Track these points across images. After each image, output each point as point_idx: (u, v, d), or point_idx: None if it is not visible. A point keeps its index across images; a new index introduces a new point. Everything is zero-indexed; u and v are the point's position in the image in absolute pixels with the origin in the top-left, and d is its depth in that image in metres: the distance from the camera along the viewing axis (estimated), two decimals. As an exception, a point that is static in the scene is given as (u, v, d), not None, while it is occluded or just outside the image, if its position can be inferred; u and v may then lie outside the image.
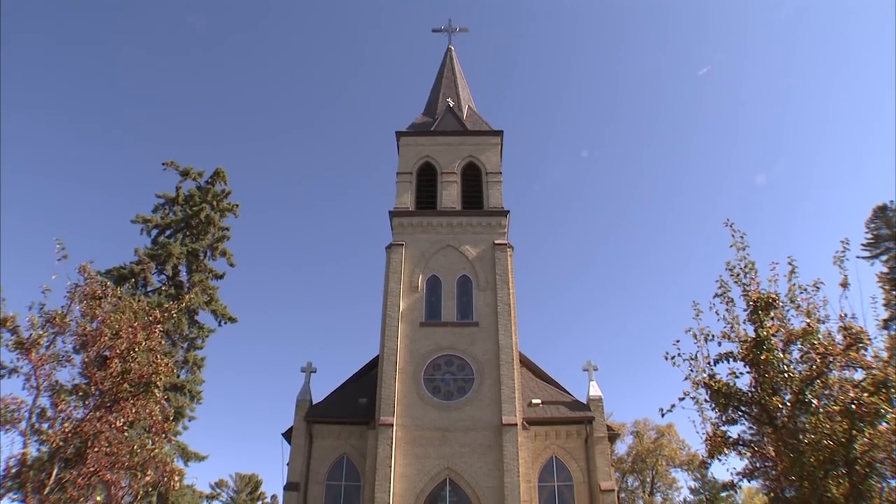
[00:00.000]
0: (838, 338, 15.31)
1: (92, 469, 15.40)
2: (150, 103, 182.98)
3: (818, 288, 15.87)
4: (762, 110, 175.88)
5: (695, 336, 17.19)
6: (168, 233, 37.81)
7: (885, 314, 15.37)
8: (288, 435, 36.71)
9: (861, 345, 14.87)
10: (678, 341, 17.07)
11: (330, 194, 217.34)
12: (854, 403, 13.99)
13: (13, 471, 14.74)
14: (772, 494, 19.13)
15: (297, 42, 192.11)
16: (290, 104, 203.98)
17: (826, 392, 15.27)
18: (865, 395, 14.11)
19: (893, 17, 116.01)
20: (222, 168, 39.56)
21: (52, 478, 14.97)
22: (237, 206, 39.67)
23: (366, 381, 38.43)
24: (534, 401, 36.51)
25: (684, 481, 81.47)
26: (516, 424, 33.49)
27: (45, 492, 14.75)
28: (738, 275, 17.32)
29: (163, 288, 35.33)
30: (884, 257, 47.93)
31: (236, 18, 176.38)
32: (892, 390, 14.03)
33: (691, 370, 17.16)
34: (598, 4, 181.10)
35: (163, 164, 38.67)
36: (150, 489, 17.79)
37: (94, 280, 17.72)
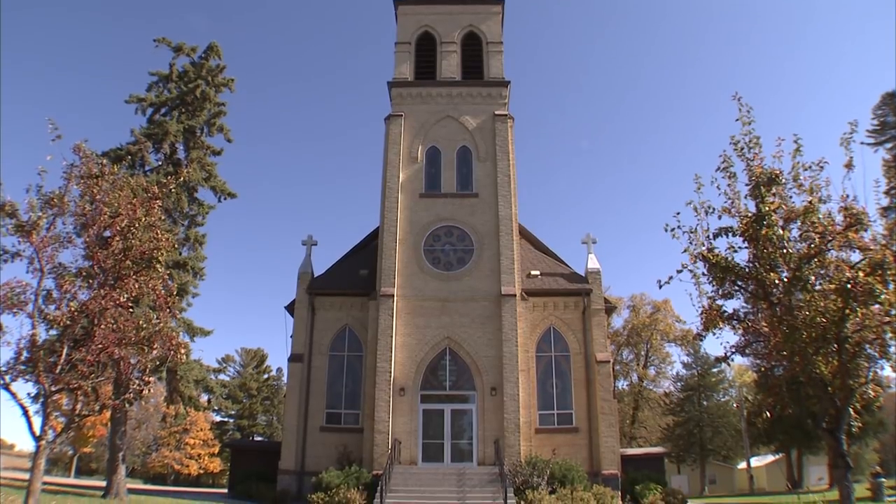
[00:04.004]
0: (838, 218, 15.27)
1: (100, 346, 15.66)
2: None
3: (822, 167, 15.68)
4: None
5: (695, 209, 17.09)
6: (163, 111, 36.95)
7: (885, 201, 15.26)
8: (291, 308, 37.32)
9: (861, 226, 14.85)
10: (678, 213, 17.01)
11: (327, 66, 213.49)
12: (849, 283, 14.10)
13: (24, 355, 14.99)
14: (762, 369, 19.56)
15: None
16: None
17: (822, 272, 15.36)
18: (861, 274, 14.21)
19: None
20: (216, 42, 38.23)
21: (63, 357, 15.26)
22: (232, 80, 38.68)
23: (366, 252, 38.79)
24: (533, 272, 36.94)
25: (677, 356, 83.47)
26: (515, 295, 34.01)
27: (57, 371, 15.06)
28: (741, 149, 17.06)
29: (161, 166, 34.92)
30: (888, 145, 47.02)
31: None
32: (888, 272, 14.12)
33: (690, 243, 17.17)
34: None
35: (154, 40, 37.27)
36: (157, 363, 18.14)
37: (89, 159, 17.46)
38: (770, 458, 75.68)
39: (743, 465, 71.76)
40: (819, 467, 65.90)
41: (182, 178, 32.76)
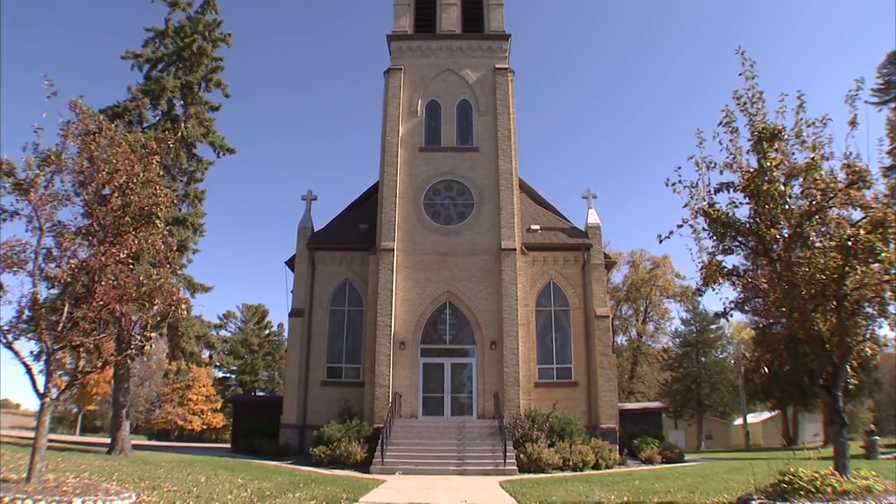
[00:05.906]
0: (840, 175, 15.16)
1: (101, 303, 15.62)
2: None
3: (825, 124, 15.49)
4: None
5: (697, 164, 16.92)
6: (160, 67, 36.53)
7: (888, 161, 15.12)
8: (291, 263, 37.44)
9: (864, 183, 14.75)
10: (679, 168, 16.84)
11: (326, 19, 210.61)
12: (850, 240, 14.06)
13: (26, 313, 14.99)
14: (760, 325, 19.60)
15: None
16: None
17: (823, 229, 15.29)
18: (862, 232, 14.17)
19: None
20: (213, -4, 37.81)
21: (64, 315, 15.27)
22: (230, 35, 38.17)
23: (366, 207, 38.82)
24: (533, 226, 36.97)
25: (676, 312, 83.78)
26: (515, 249, 34.10)
27: (59, 329, 15.08)
28: (744, 104, 16.85)
29: (159, 123, 34.65)
30: (893, 104, 46.25)
31: None
32: (889, 230, 14.07)
33: (691, 198, 17.02)
34: None
35: (150, -5, 36.81)
36: (159, 319, 18.15)
37: (86, 116, 17.27)
38: (766, 414, 76.52)
39: (739, 421, 72.52)
40: (814, 424, 66.68)
41: (180, 134, 32.58)
